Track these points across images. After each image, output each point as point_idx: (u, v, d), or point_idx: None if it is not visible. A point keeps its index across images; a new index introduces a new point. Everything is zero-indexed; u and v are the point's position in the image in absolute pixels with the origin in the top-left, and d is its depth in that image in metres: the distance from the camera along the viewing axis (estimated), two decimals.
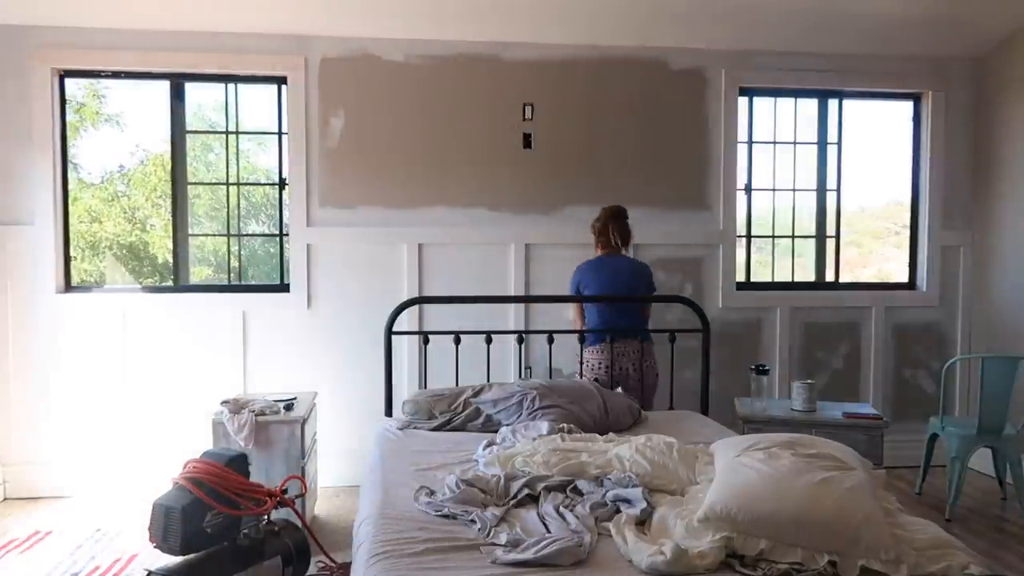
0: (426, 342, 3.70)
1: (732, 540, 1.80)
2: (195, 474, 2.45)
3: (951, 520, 3.72)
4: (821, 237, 4.73)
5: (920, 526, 1.92)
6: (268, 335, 4.24)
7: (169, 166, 4.32)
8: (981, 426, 3.74)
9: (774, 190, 4.68)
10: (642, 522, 1.99)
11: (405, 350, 4.24)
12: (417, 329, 4.18)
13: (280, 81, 4.25)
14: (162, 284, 5.10)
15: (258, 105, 4.45)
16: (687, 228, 4.50)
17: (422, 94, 4.28)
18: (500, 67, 4.33)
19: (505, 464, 2.42)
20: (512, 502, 2.15)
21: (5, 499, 4.05)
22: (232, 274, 4.46)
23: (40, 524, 3.69)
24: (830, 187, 4.71)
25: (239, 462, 2.61)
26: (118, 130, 5.35)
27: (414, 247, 4.30)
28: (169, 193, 4.33)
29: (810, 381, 3.80)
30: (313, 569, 2.96)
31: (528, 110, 4.35)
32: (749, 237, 4.67)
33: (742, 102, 4.56)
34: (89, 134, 5.42)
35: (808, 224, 4.74)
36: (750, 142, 4.62)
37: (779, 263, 4.78)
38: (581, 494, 2.19)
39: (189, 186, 4.35)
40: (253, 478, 2.70)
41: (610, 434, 2.85)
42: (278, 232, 4.49)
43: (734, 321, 4.55)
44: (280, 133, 4.31)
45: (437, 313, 4.28)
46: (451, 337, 3.66)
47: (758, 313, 4.58)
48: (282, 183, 4.32)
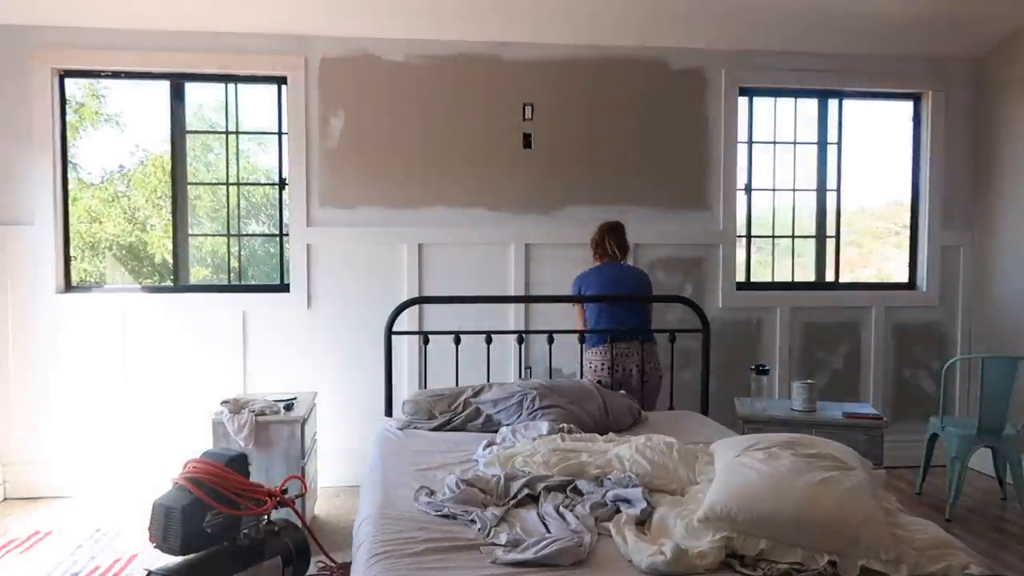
0: (426, 342, 3.70)
1: (732, 540, 1.81)
2: (195, 474, 2.45)
3: (951, 520, 3.72)
4: (821, 237, 4.73)
5: (920, 526, 1.92)
6: (268, 335, 4.24)
7: (169, 166, 4.32)
8: (981, 426, 3.74)
9: (774, 190, 4.68)
10: (642, 522, 1.99)
11: (405, 350, 4.25)
12: (417, 329, 4.18)
13: (280, 81, 4.25)
14: (162, 284, 5.10)
15: (258, 105, 4.45)
16: (687, 228, 4.50)
17: (422, 94, 4.28)
18: (500, 67, 4.33)
19: (505, 464, 2.42)
20: (512, 502, 2.15)
21: (5, 499, 4.05)
22: (232, 274, 4.46)
23: (40, 524, 3.69)
24: (830, 187, 4.71)
25: (239, 462, 2.61)
26: (118, 130, 5.35)
27: (414, 247, 4.30)
28: (169, 193, 4.33)
29: (810, 381, 3.80)
30: (313, 569, 2.96)
31: (528, 110, 4.35)
32: (749, 237, 4.67)
33: (742, 102, 4.56)
34: (89, 134, 5.42)
35: (808, 224, 4.74)
36: (750, 142, 4.62)
37: (779, 263, 4.77)
38: (581, 494, 2.19)
39: (189, 186, 4.35)
40: (253, 478, 2.70)
41: (610, 434, 2.86)
42: (278, 232, 4.49)
43: (734, 321, 4.55)
44: (280, 133, 4.31)
45: (437, 313, 4.28)
46: (451, 337, 3.66)
47: (758, 313, 4.58)
48: (282, 183, 4.32)
